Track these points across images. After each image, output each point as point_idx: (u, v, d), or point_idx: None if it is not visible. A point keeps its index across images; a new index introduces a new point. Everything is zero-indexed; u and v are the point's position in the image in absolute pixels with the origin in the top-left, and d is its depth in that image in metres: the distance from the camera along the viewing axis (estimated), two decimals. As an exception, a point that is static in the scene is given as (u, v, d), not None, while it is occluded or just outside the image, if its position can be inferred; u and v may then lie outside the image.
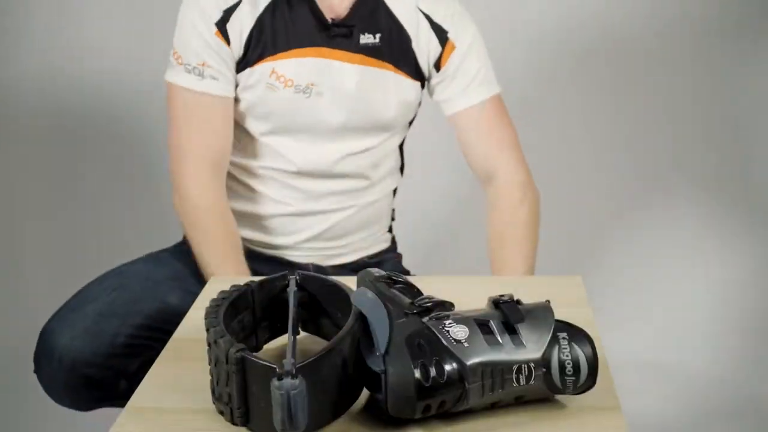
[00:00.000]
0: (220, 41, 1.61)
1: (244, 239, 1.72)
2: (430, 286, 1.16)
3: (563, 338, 1.04)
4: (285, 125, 1.67)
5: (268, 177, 1.71)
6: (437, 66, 1.71)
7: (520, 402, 1.05)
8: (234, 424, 1.03)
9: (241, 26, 1.62)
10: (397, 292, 1.08)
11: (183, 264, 1.68)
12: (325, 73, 1.64)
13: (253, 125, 1.68)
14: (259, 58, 1.63)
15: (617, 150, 2.52)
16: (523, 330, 1.04)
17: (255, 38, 1.62)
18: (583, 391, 1.05)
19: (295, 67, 1.63)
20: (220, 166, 1.66)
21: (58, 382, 1.53)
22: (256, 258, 1.72)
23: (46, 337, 1.53)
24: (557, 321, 1.06)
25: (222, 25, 1.61)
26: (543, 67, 2.54)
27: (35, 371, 1.56)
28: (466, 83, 1.72)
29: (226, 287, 1.14)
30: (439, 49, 1.70)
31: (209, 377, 1.07)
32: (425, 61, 1.71)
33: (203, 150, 1.63)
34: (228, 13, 1.62)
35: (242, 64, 1.64)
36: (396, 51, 1.68)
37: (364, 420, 1.05)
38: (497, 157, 1.73)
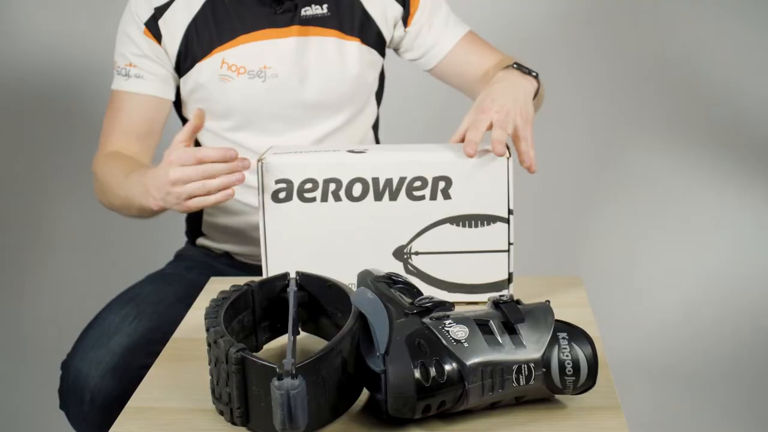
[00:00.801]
0: (149, 39, 1.61)
1: (239, 255, 1.71)
2: (430, 286, 1.16)
3: (563, 338, 1.04)
4: (248, 118, 1.64)
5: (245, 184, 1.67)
6: (405, 22, 1.69)
7: (520, 402, 1.05)
8: (234, 424, 1.03)
9: (177, 20, 1.61)
10: (397, 292, 1.08)
11: (188, 279, 1.65)
12: (276, 53, 1.62)
13: (217, 126, 1.65)
14: (208, 50, 1.62)
15: (619, 151, 2.52)
16: (523, 330, 1.04)
17: (197, 31, 1.61)
18: (583, 391, 1.05)
19: (245, 53, 1.62)
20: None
21: (90, 423, 1.48)
22: (252, 272, 1.70)
23: (71, 375, 1.47)
24: (557, 321, 1.06)
25: (153, 22, 1.61)
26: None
27: (61, 407, 1.51)
28: (442, 27, 1.70)
29: (226, 287, 1.15)
30: (400, 8, 1.68)
31: (209, 377, 1.07)
32: (385, 24, 1.69)
33: (119, 145, 1.62)
34: (160, 10, 1.61)
35: (189, 60, 1.62)
36: (349, 19, 1.66)
37: (364, 420, 1.05)
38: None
